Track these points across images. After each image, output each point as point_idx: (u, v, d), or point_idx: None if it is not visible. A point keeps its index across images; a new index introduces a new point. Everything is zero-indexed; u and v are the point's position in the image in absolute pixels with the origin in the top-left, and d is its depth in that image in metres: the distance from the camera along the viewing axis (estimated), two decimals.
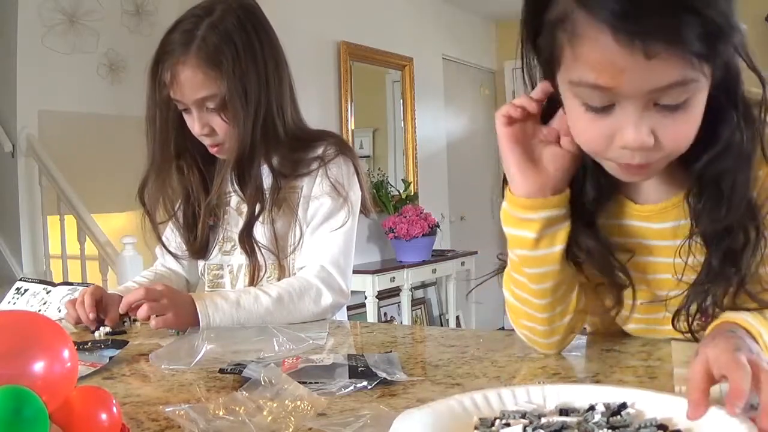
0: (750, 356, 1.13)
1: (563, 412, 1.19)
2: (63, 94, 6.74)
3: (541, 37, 1.35)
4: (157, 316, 2.12)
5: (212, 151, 2.44)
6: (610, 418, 1.12)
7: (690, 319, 1.50)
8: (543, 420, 1.14)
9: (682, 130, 1.29)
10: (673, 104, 1.25)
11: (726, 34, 1.20)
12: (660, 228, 1.57)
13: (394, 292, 7.72)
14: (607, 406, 1.17)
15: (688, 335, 1.53)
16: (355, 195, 2.51)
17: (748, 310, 1.40)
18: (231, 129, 2.35)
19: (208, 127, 2.36)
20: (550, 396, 1.25)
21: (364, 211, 2.58)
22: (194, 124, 2.37)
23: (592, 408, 1.18)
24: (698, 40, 1.16)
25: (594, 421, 1.12)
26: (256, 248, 2.47)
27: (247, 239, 2.47)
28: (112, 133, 6.69)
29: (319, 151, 2.48)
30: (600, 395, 1.21)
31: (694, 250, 1.47)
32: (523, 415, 1.17)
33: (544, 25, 1.31)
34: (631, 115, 1.27)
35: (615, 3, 1.16)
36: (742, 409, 1.04)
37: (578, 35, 1.23)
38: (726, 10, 1.19)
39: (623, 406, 1.16)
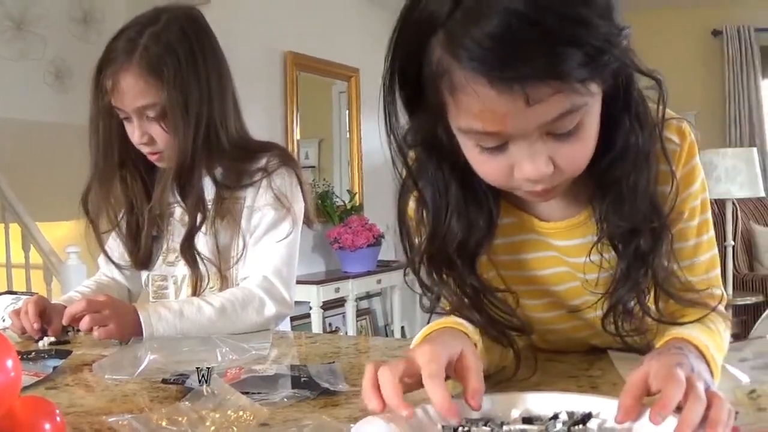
0: (689, 374, 1.15)
1: (526, 420, 1.20)
2: (8, 101, 6.68)
3: (421, 90, 1.30)
4: (99, 327, 2.12)
5: (151, 158, 2.45)
6: (571, 428, 1.14)
7: (617, 322, 1.49)
8: (505, 428, 1.16)
9: (578, 152, 1.29)
10: (565, 131, 1.24)
11: (608, 52, 1.18)
12: (567, 245, 1.58)
13: (339, 302, 7.70)
14: (570, 415, 1.19)
15: (618, 339, 1.54)
16: (299, 206, 2.51)
17: (693, 321, 1.42)
18: (170, 138, 2.36)
19: (148, 136, 2.36)
20: (516, 404, 1.26)
21: (307, 222, 2.58)
22: (134, 132, 2.37)
23: (555, 417, 1.19)
24: (580, 67, 1.15)
25: (555, 430, 1.14)
26: (198, 259, 2.47)
27: (188, 250, 2.47)
28: (56, 140, 6.64)
29: (263, 162, 2.49)
30: (567, 403, 1.23)
31: (602, 252, 1.48)
32: (486, 423, 1.18)
33: (424, 79, 1.28)
34: (525, 149, 1.26)
35: (487, 52, 1.14)
36: (665, 419, 1.07)
37: (457, 88, 1.21)
38: (606, 30, 1.17)
39: (588, 416, 1.18)
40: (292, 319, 2.73)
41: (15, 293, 2.58)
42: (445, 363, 1.26)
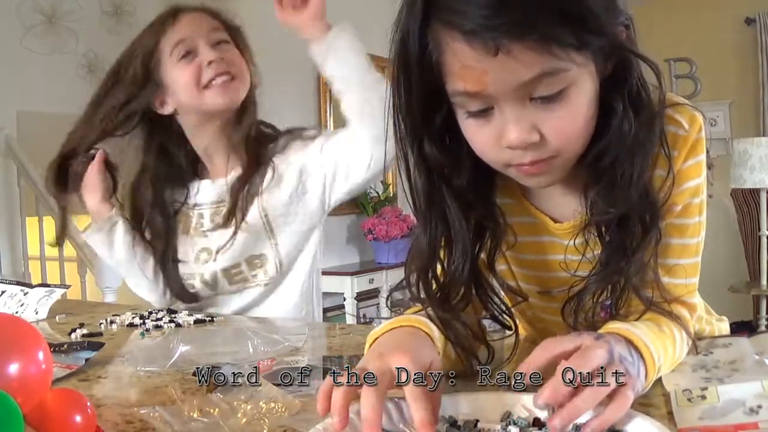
0: (577, 339, 1.19)
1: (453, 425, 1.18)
2: (42, 95, 6.71)
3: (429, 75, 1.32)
4: None
5: (222, 85, 2.60)
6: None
7: (574, 314, 1.46)
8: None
9: (564, 122, 1.28)
10: (547, 95, 1.24)
11: (593, 24, 1.20)
12: (573, 245, 1.53)
13: (373, 293, 7.72)
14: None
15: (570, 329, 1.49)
16: None
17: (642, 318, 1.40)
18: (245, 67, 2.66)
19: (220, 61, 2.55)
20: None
21: None
22: (207, 57, 2.54)
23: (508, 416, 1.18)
24: (558, 29, 1.17)
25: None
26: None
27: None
28: None
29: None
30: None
31: (592, 245, 1.46)
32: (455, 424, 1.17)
33: (428, 67, 1.31)
34: (509, 113, 1.27)
35: (464, 6, 1.18)
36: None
37: (442, 50, 1.26)
38: (598, 8, 1.21)
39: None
40: (326, 310, 2.72)
41: (48, 286, 2.58)
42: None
